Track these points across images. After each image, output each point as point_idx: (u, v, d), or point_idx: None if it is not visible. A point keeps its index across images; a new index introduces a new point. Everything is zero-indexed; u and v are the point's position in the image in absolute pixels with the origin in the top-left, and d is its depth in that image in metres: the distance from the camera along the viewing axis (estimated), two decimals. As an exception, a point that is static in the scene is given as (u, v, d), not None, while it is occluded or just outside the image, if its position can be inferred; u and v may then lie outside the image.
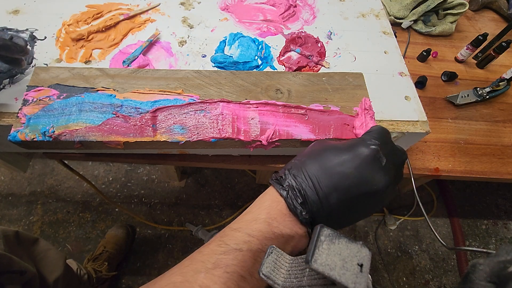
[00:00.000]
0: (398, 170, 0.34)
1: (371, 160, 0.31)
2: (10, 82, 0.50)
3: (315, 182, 0.31)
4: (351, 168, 0.31)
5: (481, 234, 1.32)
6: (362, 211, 0.33)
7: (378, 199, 0.32)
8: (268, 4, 0.68)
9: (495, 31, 0.81)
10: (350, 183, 0.30)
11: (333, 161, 0.32)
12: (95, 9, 0.61)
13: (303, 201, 0.30)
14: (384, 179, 0.31)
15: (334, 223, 0.31)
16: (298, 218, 0.30)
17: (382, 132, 0.35)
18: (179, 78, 0.48)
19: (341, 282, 0.28)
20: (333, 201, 0.30)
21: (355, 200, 0.31)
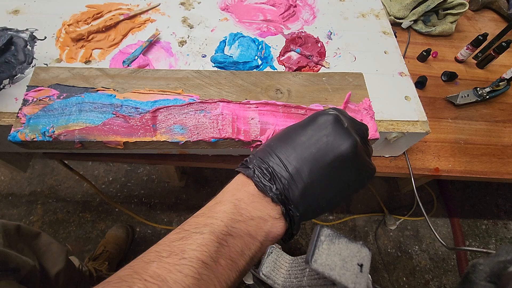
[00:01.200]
0: (363, 140, 0.33)
1: (332, 123, 0.30)
2: (10, 82, 0.50)
3: (283, 158, 0.29)
4: (315, 136, 0.30)
5: (481, 234, 1.32)
6: (338, 184, 0.30)
7: (351, 166, 0.30)
8: (268, 4, 0.68)
9: (495, 31, 0.81)
10: (317, 150, 0.29)
11: (298, 135, 0.31)
12: (95, 9, 0.61)
13: (271, 177, 0.28)
14: (349, 138, 0.29)
15: (312, 201, 0.30)
16: (269, 196, 0.28)
17: (337, 108, 0.35)
18: (179, 78, 0.48)
19: (341, 282, 0.28)
20: (304, 173, 0.29)
21: (327, 168, 0.29)
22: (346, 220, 1.29)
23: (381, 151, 0.63)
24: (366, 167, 0.32)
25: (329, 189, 0.30)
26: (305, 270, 0.37)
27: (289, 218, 0.29)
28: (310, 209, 0.30)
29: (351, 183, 0.31)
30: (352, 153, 0.29)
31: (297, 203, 0.29)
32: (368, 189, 1.37)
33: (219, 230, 0.25)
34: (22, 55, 0.53)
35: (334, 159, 0.29)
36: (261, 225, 0.28)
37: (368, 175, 0.33)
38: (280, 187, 0.28)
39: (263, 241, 0.28)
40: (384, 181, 1.40)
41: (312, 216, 0.31)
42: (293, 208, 0.29)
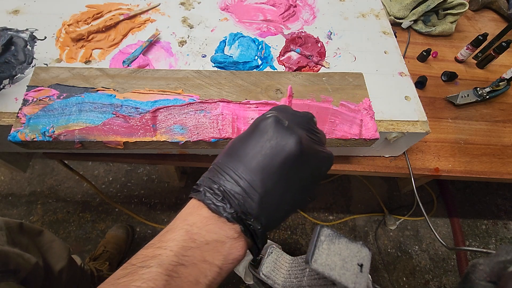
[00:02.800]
0: (310, 131, 0.32)
1: (272, 125, 0.29)
2: (10, 82, 0.50)
3: (232, 174, 0.28)
4: (259, 143, 0.29)
5: (481, 234, 1.32)
6: (295, 183, 0.29)
7: (302, 162, 0.29)
8: (268, 4, 0.68)
9: (495, 31, 0.81)
10: (264, 157, 0.28)
11: (242, 147, 0.30)
12: (95, 9, 0.61)
13: (223, 196, 0.27)
14: (291, 136, 0.29)
15: (273, 209, 0.28)
16: (223, 216, 0.27)
17: (279, 106, 0.35)
18: (179, 78, 0.48)
19: (341, 282, 0.28)
20: (257, 184, 0.27)
21: (278, 172, 0.28)
22: (346, 220, 1.29)
23: (381, 151, 0.63)
24: (319, 157, 0.32)
25: (287, 192, 0.29)
26: (305, 270, 0.37)
27: (251, 234, 0.28)
28: (273, 217, 0.29)
29: (309, 178, 0.30)
30: (298, 150, 0.28)
31: (257, 215, 0.27)
32: (368, 189, 1.37)
33: (168, 261, 0.24)
34: (22, 55, 0.53)
35: (282, 162, 0.28)
36: (218, 249, 0.26)
37: (325, 163, 0.33)
38: (235, 204, 0.27)
39: (222, 265, 0.26)
40: (384, 181, 1.40)
41: (279, 222, 0.30)
42: (253, 222, 0.27)
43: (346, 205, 1.33)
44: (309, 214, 1.29)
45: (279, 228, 1.24)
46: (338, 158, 0.63)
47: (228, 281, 1.11)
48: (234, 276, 1.12)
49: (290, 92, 0.47)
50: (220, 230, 0.27)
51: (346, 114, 0.48)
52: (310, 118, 0.34)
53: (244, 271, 0.48)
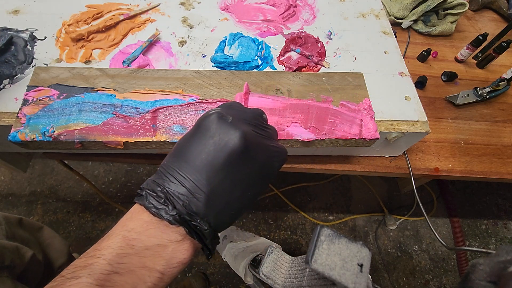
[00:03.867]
0: (258, 126, 0.32)
1: (215, 122, 0.29)
2: (10, 82, 0.50)
3: (177, 175, 0.27)
4: (202, 141, 0.28)
5: (481, 234, 1.32)
6: (243, 180, 0.29)
7: (248, 158, 0.29)
8: (268, 4, 0.68)
9: (495, 31, 0.81)
10: (208, 155, 0.28)
11: (187, 146, 0.29)
12: (95, 9, 0.61)
13: (166, 198, 0.26)
14: (234, 131, 0.28)
15: (221, 207, 0.28)
16: (165, 220, 0.26)
17: (226, 103, 0.34)
18: (179, 78, 0.48)
19: (341, 282, 0.28)
20: (202, 183, 0.27)
21: (223, 169, 0.27)
22: (346, 220, 1.29)
23: (381, 151, 0.63)
24: (268, 152, 0.31)
25: (236, 189, 0.28)
26: (305, 270, 0.37)
27: (198, 235, 0.27)
28: (223, 216, 0.28)
29: (258, 173, 0.30)
30: (241, 145, 0.28)
31: (204, 215, 0.27)
32: (368, 189, 1.37)
33: (99, 270, 0.23)
34: (22, 55, 0.53)
35: (227, 158, 0.27)
36: (160, 253, 0.25)
37: (277, 158, 0.32)
38: (179, 205, 0.26)
39: (164, 270, 0.25)
40: (384, 181, 1.40)
41: (230, 220, 0.30)
42: (200, 223, 0.26)
43: (346, 205, 1.33)
44: (309, 214, 1.29)
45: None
46: (338, 158, 0.63)
47: (228, 281, 1.11)
48: (234, 276, 1.12)
49: (246, 89, 0.46)
50: (162, 233, 0.26)
51: (346, 114, 0.48)
52: (258, 114, 0.33)
53: (244, 271, 0.48)
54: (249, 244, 0.52)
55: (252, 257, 0.47)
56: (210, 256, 0.29)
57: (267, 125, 0.34)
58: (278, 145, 0.33)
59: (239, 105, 0.34)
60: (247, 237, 0.56)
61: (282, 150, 0.33)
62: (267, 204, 1.29)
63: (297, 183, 1.34)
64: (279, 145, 0.33)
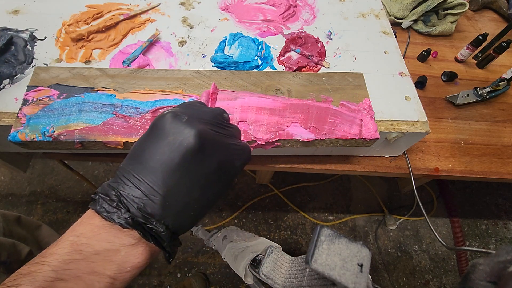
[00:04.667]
0: (217, 125, 0.32)
1: (169, 122, 0.28)
2: (10, 82, 0.50)
3: (132, 178, 0.27)
4: (157, 141, 0.28)
5: (481, 234, 1.32)
6: (201, 179, 0.28)
7: (205, 156, 0.28)
8: (268, 4, 0.68)
9: (495, 31, 0.81)
10: (163, 156, 0.27)
11: (142, 148, 0.29)
12: (95, 9, 0.61)
13: (119, 201, 0.26)
14: (189, 130, 0.28)
15: (179, 209, 0.27)
16: (117, 223, 0.25)
17: (185, 102, 0.34)
18: (179, 78, 0.48)
19: (341, 282, 0.28)
20: (158, 185, 0.26)
21: (179, 169, 0.27)
22: (346, 220, 1.29)
23: (381, 151, 0.63)
24: (229, 150, 0.31)
25: (194, 189, 0.28)
26: (305, 270, 0.37)
27: (154, 238, 0.26)
28: (182, 217, 0.28)
29: (217, 172, 0.29)
30: (196, 144, 0.27)
31: (161, 217, 0.26)
32: (368, 189, 1.37)
33: (42, 277, 0.22)
34: (22, 55, 0.53)
35: (182, 158, 0.27)
36: (111, 258, 0.25)
37: (238, 156, 0.32)
38: (133, 208, 0.26)
39: (115, 275, 0.25)
40: (384, 181, 1.40)
41: (191, 222, 0.29)
42: (156, 225, 0.26)
43: (346, 205, 1.33)
44: (309, 214, 1.29)
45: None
46: (338, 158, 0.63)
47: (228, 281, 1.11)
48: (234, 276, 1.12)
49: (213, 89, 0.46)
50: (115, 238, 0.25)
51: (346, 114, 0.48)
52: (218, 113, 0.33)
53: (244, 271, 0.48)
54: (249, 244, 0.52)
55: (252, 257, 0.47)
56: (171, 259, 0.29)
57: (228, 124, 0.33)
58: (240, 144, 0.33)
59: (199, 104, 0.34)
60: (247, 237, 0.56)
61: (244, 148, 0.33)
62: (267, 204, 1.29)
63: (297, 183, 1.34)
64: (242, 143, 0.33)
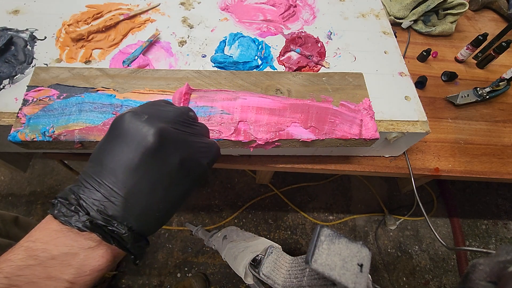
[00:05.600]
0: (182, 123, 0.31)
1: (127, 121, 0.28)
2: (10, 82, 0.50)
3: (92, 180, 0.26)
4: (116, 142, 0.27)
5: (481, 234, 1.32)
6: (164, 178, 0.28)
7: (167, 155, 0.28)
8: (268, 4, 0.68)
9: (495, 31, 0.81)
10: (122, 155, 0.26)
11: (102, 149, 0.28)
12: (95, 9, 0.61)
13: (78, 205, 0.26)
14: (149, 129, 0.27)
15: (142, 209, 0.27)
16: (74, 227, 0.25)
17: (150, 101, 0.33)
18: (179, 78, 0.48)
19: (341, 282, 0.28)
20: (118, 185, 0.26)
21: (140, 169, 0.26)
22: (346, 220, 1.29)
23: (381, 151, 0.63)
24: (193, 148, 0.30)
25: (157, 189, 0.27)
26: (305, 270, 0.37)
27: (117, 240, 0.26)
28: (146, 218, 0.27)
29: (181, 171, 0.29)
30: (155, 143, 0.27)
31: (122, 219, 0.26)
32: (368, 189, 1.37)
33: None
34: (22, 55, 0.53)
35: (142, 157, 0.26)
36: (69, 262, 0.25)
37: (204, 155, 0.31)
38: (93, 211, 0.25)
39: (73, 278, 0.24)
40: (384, 181, 1.40)
41: (157, 222, 0.29)
42: (118, 227, 0.26)
43: (346, 205, 1.33)
44: (309, 214, 1.29)
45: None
46: (338, 158, 0.63)
47: (228, 281, 1.11)
48: (234, 276, 1.12)
49: (186, 89, 0.45)
50: (73, 241, 0.25)
51: (346, 114, 0.48)
52: (182, 111, 0.32)
53: (244, 271, 0.48)
54: (249, 244, 0.52)
55: (252, 257, 0.47)
56: (137, 260, 0.28)
57: (194, 122, 0.33)
58: (207, 141, 0.32)
59: (164, 103, 0.33)
60: (247, 237, 0.56)
61: (211, 146, 0.32)
62: (267, 204, 1.29)
63: (297, 183, 1.34)
64: (209, 141, 0.33)
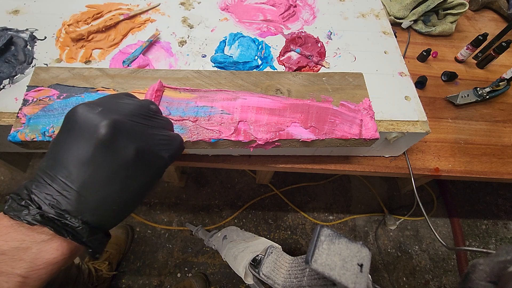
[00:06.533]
0: (141, 115, 0.31)
1: (80, 113, 0.27)
2: (10, 82, 0.50)
3: (45, 175, 0.26)
4: (68, 135, 0.27)
5: (481, 234, 1.32)
6: (119, 171, 0.27)
7: (121, 149, 0.27)
8: (268, 4, 0.68)
9: (495, 31, 0.81)
10: (75, 148, 0.26)
11: (55, 143, 0.28)
12: (95, 9, 0.61)
13: (29, 200, 0.26)
14: (102, 120, 0.27)
15: (99, 203, 0.27)
16: (24, 221, 0.25)
17: (112, 94, 0.33)
18: (179, 78, 0.48)
19: (341, 282, 0.28)
20: (71, 179, 0.26)
21: (93, 162, 0.26)
22: (346, 220, 1.29)
23: (381, 151, 0.63)
24: (152, 141, 0.30)
25: (113, 182, 0.27)
26: (305, 270, 0.37)
27: (71, 233, 0.26)
28: (103, 212, 0.27)
29: (138, 164, 0.28)
30: (109, 135, 0.26)
31: (77, 213, 0.26)
32: (368, 189, 1.37)
33: None
34: (22, 55, 0.53)
35: (94, 150, 0.26)
36: (21, 256, 0.25)
37: (164, 147, 0.31)
38: (45, 206, 0.25)
39: (26, 273, 0.24)
40: (384, 181, 1.40)
41: (116, 216, 0.29)
42: (71, 221, 0.26)
43: (346, 205, 1.33)
44: (309, 214, 1.29)
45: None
46: (338, 158, 0.63)
47: (228, 281, 1.11)
48: (234, 276, 1.12)
49: (158, 85, 0.45)
50: (24, 236, 0.25)
51: (346, 114, 0.48)
52: (142, 105, 0.32)
53: (244, 271, 0.48)
54: (249, 244, 0.52)
55: (252, 257, 0.47)
56: (95, 254, 0.28)
57: (155, 116, 0.33)
58: (168, 134, 0.32)
59: (125, 96, 0.33)
60: (247, 237, 0.56)
61: (172, 139, 0.32)
62: (267, 204, 1.29)
63: (297, 183, 1.34)
64: (171, 134, 0.32)
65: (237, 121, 0.45)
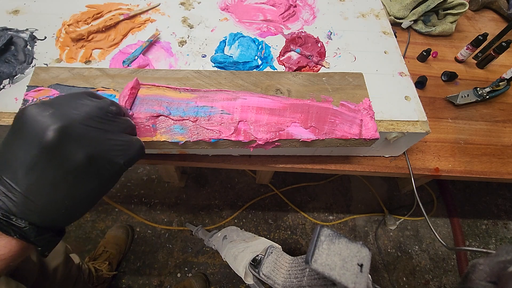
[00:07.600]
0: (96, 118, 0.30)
1: (29, 115, 0.27)
2: (10, 82, 0.50)
3: None
4: (16, 136, 0.27)
5: (481, 234, 1.32)
6: (70, 176, 0.27)
7: (70, 153, 0.27)
8: (268, 4, 0.68)
9: (495, 31, 0.81)
10: (20, 151, 0.26)
11: (4, 144, 0.28)
12: (95, 9, 0.61)
13: None
14: (50, 123, 0.26)
15: (46, 205, 0.27)
16: None
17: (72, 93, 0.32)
18: (179, 78, 0.48)
19: (341, 282, 0.28)
20: (17, 181, 0.26)
21: (40, 164, 0.26)
22: (346, 220, 1.29)
23: (381, 151, 0.63)
24: (106, 146, 0.29)
25: (59, 186, 0.27)
26: (305, 270, 0.37)
27: (18, 233, 0.26)
28: (50, 214, 0.28)
29: (88, 169, 0.28)
30: (56, 140, 0.26)
31: (23, 215, 0.26)
32: (368, 189, 1.37)
33: None
34: (22, 55, 0.53)
35: (40, 153, 0.26)
36: None
37: (120, 153, 0.30)
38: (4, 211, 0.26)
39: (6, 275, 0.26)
40: (384, 181, 1.40)
41: (65, 219, 0.29)
42: (17, 221, 0.26)
43: (346, 205, 1.33)
44: (309, 214, 1.29)
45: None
46: (338, 158, 0.63)
47: (228, 281, 1.11)
48: (234, 276, 1.12)
49: (134, 83, 0.44)
50: None
51: (346, 114, 0.48)
52: (101, 106, 0.31)
53: (244, 271, 0.48)
54: (249, 244, 0.52)
55: (252, 257, 0.47)
56: (44, 252, 0.29)
57: (113, 118, 0.32)
58: (126, 139, 0.31)
59: (85, 96, 0.32)
60: (247, 237, 0.56)
61: (129, 144, 0.31)
62: (267, 204, 1.29)
63: (297, 183, 1.34)
64: (128, 138, 0.32)
65: (237, 121, 0.45)
